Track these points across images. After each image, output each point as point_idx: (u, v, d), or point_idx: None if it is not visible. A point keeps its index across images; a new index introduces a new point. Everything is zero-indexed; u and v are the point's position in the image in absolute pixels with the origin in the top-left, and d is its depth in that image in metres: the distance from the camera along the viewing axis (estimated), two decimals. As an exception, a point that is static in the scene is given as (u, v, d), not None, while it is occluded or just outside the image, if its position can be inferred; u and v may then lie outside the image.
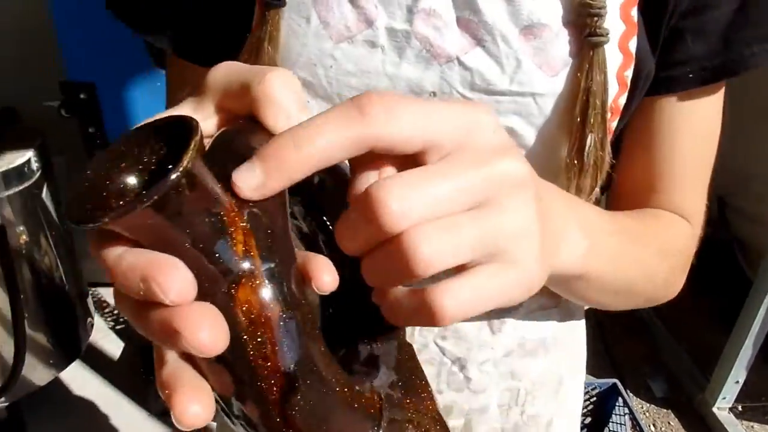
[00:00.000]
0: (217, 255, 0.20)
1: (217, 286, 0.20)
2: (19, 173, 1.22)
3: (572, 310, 0.50)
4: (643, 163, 0.44)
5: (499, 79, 0.38)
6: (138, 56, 1.10)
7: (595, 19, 0.36)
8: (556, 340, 0.50)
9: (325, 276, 0.23)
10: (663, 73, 0.40)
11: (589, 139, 0.38)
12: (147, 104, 1.15)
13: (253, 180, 0.21)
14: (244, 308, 0.20)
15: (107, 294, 1.75)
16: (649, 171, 0.44)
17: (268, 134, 0.22)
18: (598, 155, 0.39)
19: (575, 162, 0.39)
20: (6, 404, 1.32)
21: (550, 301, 0.48)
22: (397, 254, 0.22)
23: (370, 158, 0.23)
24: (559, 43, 0.37)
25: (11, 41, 1.41)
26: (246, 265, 0.20)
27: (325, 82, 0.38)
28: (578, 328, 0.53)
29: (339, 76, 0.38)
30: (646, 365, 1.74)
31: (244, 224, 0.21)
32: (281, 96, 0.23)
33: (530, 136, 0.39)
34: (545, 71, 0.37)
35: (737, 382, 1.52)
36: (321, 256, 0.24)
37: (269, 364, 0.21)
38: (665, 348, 1.79)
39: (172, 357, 0.22)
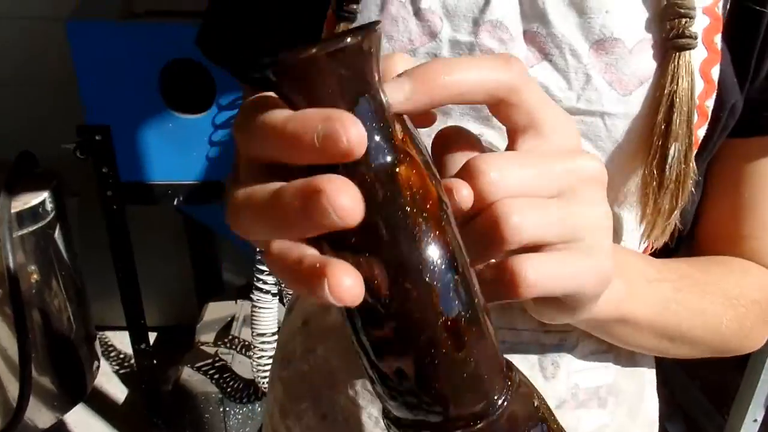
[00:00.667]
0: (381, 135, 0.21)
1: (381, 163, 0.21)
2: (33, 214, 1.25)
3: (635, 357, 0.46)
4: (727, 208, 0.42)
5: (565, 95, 0.36)
6: (152, 100, 1.15)
7: (684, 20, 0.34)
8: (614, 390, 0.45)
9: (464, 190, 0.24)
10: (754, 113, 0.38)
11: (673, 149, 0.35)
12: (159, 145, 1.19)
13: (400, 93, 0.23)
14: (408, 184, 0.21)
15: (114, 337, 1.75)
16: (733, 217, 0.41)
17: None
18: (681, 169, 0.35)
19: (655, 176, 0.36)
20: (8, 447, 1.30)
21: (603, 346, 0.44)
22: (488, 221, 0.24)
23: (457, 145, 0.26)
24: (633, 60, 0.35)
25: (32, 87, 1.48)
26: (405, 150, 0.21)
27: None
28: (642, 379, 0.47)
29: None
30: (662, 406, 1.69)
31: (401, 123, 0.22)
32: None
33: None
34: (617, 89, 0.36)
35: (755, 420, 1.48)
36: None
37: (430, 247, 0.21)
38: (680, 388, 1.75)
39: (310, 251, 0.21)
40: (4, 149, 1.31)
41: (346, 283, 0.19)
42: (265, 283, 1.24)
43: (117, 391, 1.62)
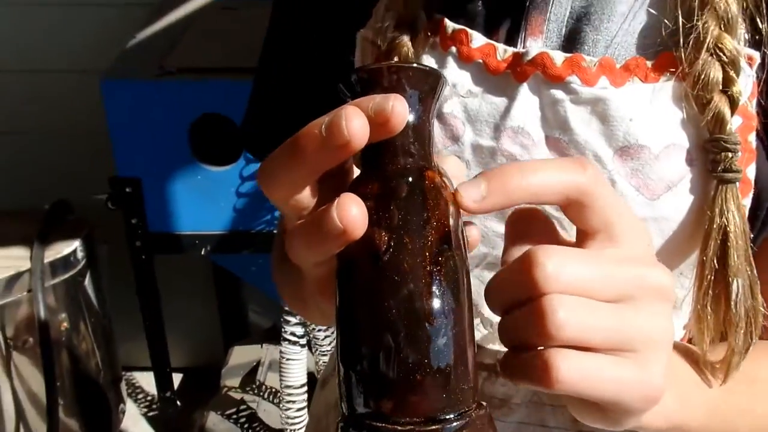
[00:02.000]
0: (420, 146, 0.25)
1: (415, 160, 0.25)
2: (65, 262, 1.27)
3: None
4: None
5: None
6: (181, 153, 1.17)
7: (729, 154, 0.33)
8: None
9: (473, 230, 0.27)
10: None
11: (735, 285, 0.33)
12: (187, 197, 1.21)
13: (476, 193, 0.25)
14: (432, 185, 0.24)
15: (141, 378, 1.76)
16: None
17: None
18: (750, 305, 0.34)
19: (708, 313, 0.34)
20: (35, 493, 1.31)
21: None
22: (535, 312, 0.24)
23: (531, 233, 0.27)
24: (660, 166, 0.34)
25: (68, 139, 1.52)
26: (433, 164, 0.25)
27: None
28: None
29: None
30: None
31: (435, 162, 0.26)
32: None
33: None
34: (644, 194, 0.35)
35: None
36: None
37: (439, 228, 0.23)
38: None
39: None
40: (38, 198, 1.35)
41: (353, 211, 0.23)
42: (293, 334, 1.23)
43: (143, 434, 1.63)
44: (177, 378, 1.70)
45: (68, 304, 1.29)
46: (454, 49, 0.37)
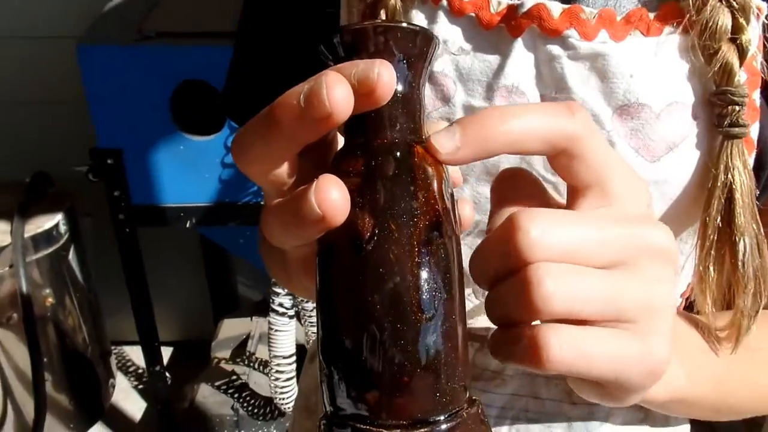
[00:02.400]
0: (410, 118, 0.22)
1: (403, 133, 0.22)
2: (47, 236, 1.24)
3: (669, 420, 0.43)
4: None
5: None
6: (163, 123, 1.13)
7: (736, 108, 0.31)
8: None
9: (466, 207, 0.25)
10: None
11: (742, 245, 0.32)
12: (170, 168, 1.18)
13: (450, 143, 0.22)
14: (421, 162, 0.22)
15: (131, 352, 1.75)
16: None
17: None
18: (757, 264, 0.32)
19: (711, 275, 0.33)
20: (25, 468, 1.31)
21: (639, 414, 0.41)
22: (519, 284, 0.21)
23: (517, 197, 0.24)
24: (661, 126, 0.33)
25: (46, 111, 1.47)
26: (423, 136, 0.23)
27: None
28: None
29: None
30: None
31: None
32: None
33: None
34: (644, 156, 0.33)
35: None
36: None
37: (429, 204, 0.21)
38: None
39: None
40: (17, 170, 1.31)
41: (333, 195, 0.20)
42: (281, 305, 1.22)
43: (134, 408, 1.63)
44: (168, 351, 1.69)
45: (52, 278, 1.27)
46: (445, 2, 0.34)
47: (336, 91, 0.20)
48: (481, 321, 0.39)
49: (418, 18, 0.35)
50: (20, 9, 1.42)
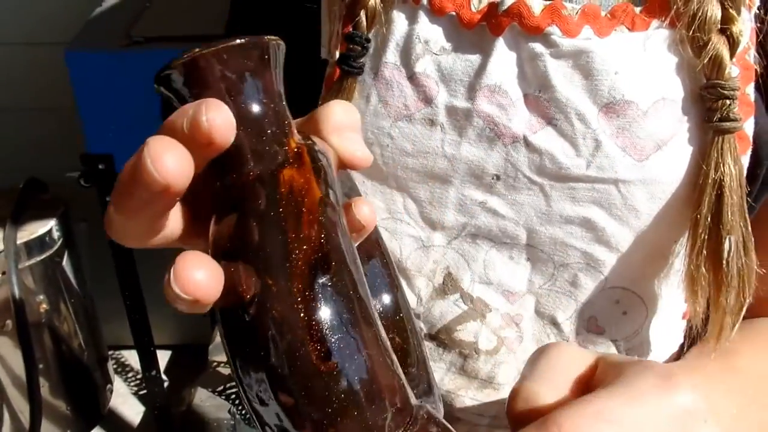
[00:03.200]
0: (271, 138, 0.21)
1: (266, 162, 0.20)
2: (41, 243, 1.24)
3: None
4: None
5: (573, 162, 0.33)
6: (153, 129, 1.13)
7: (728, 102, 0.31)
8: None
9: (364, 208, 0.23)
10: None
11: (728, 243, 0.32)
12: (162, 173, 1.17)
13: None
14: (291, 187, 0.20)
15: (129, 356, 1.75)
16: None
17: None
18: (743, 263, 0.32)
19: (703, 273, 0.32)
20: (23, 475, 1.31)
21: None
22: None
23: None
24: (649, 123, 0.32)
25: (37, 117, 1.47)
26: (291, 151, 0.21)
27: (381, 162, 0.36)
28: None
29: (396, 156, 0.35)
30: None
31: (299, 139, 0.22)
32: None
33: (613, 230, 0.34)
34: (631, 154, 0.32)
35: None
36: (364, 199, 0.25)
37: (306, 244, 0.19)
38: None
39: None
40: (7, 176, 1.31)
41: (196, 276, 0.19)
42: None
43: (132, 412, 1.62)
44: (166, 355, 1.69)
45: (46, 285, 1.27)
46: (425, 1, 0.33)
47: (165, 162, 0.18)
48: (470, 327, 0.38)
49: (399, 19, 0.34)
50: (7, 15, 1.42)
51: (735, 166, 0.31)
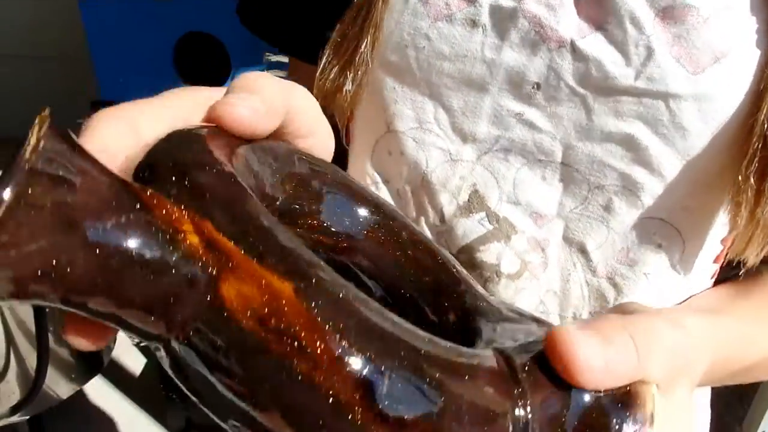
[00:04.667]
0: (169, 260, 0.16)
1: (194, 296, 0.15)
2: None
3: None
4: None
5: (621, 72, 0.30)
6: (166, 74, 1.14)
7: None
8: None
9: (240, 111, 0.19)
10: None
11: None
12: (174, 122, 1.18)
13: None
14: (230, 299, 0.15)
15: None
16: None
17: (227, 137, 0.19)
18: None
19: (751, 184, 0.30)
20: (27, 417, 1.33)
21: None
22: None
23: None
24: (709, 32, 0.29)
25: (49, 63, 1.47)
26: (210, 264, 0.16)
27: (416, 66, 0.33)
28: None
29: (431, 59, 0.33)
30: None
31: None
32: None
33: (657, 150, 0.32)
34: (686, 66, 0.30)
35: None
36: None
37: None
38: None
39: None
40: (17, 125, 1.31)
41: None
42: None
43: (134, 363, 1.65)
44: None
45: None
46: None
47: None
48: (493, 248, 0.37)
49: None
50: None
51: None
